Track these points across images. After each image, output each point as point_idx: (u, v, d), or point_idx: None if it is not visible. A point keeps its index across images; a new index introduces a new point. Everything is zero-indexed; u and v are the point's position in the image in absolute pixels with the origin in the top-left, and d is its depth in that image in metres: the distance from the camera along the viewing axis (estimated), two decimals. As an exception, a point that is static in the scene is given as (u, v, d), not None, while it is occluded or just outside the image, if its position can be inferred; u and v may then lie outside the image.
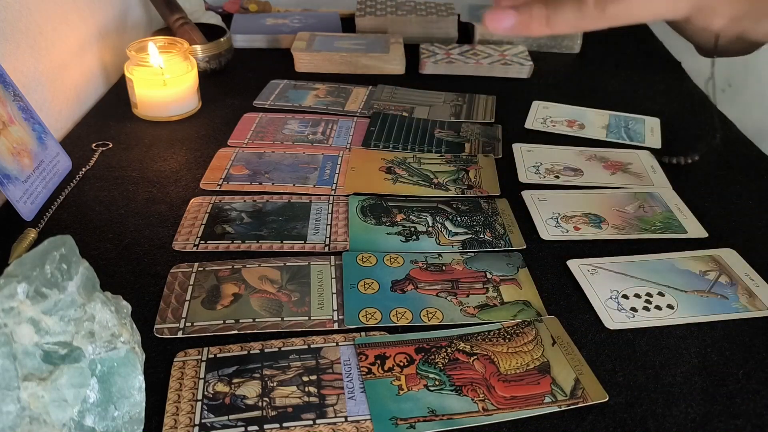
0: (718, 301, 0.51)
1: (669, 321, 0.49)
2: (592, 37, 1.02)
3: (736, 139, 0.75)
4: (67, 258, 0.36)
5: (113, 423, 0.37)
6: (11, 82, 0.60)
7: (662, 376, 0.45)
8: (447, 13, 1.01)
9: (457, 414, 0.41)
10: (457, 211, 0.61)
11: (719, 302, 0.51)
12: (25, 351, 0.34)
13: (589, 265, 0.54)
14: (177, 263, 0.53)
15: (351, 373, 0.44)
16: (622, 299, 0.51)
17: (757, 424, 0.42)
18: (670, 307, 0.50)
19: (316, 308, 0.49)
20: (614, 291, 0.52)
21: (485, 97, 0.83)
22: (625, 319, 0.49)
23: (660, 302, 0.51)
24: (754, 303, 0.51)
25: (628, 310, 0.50)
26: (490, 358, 0.45)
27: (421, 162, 0.69)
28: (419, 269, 0.54)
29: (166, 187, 0.64)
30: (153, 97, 0.74)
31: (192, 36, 0.84)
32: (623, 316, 0.50)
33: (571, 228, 0.59)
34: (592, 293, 0.51)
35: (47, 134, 0.63)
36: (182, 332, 0.47)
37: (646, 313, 0.50)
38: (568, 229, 0.58)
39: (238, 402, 0.42)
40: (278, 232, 0.57)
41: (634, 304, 0.51)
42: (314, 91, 0.83)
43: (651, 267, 0.54)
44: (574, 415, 0.42)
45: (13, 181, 0.56)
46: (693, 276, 0.53)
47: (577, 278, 0.53)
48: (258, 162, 0.67)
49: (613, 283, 0.52)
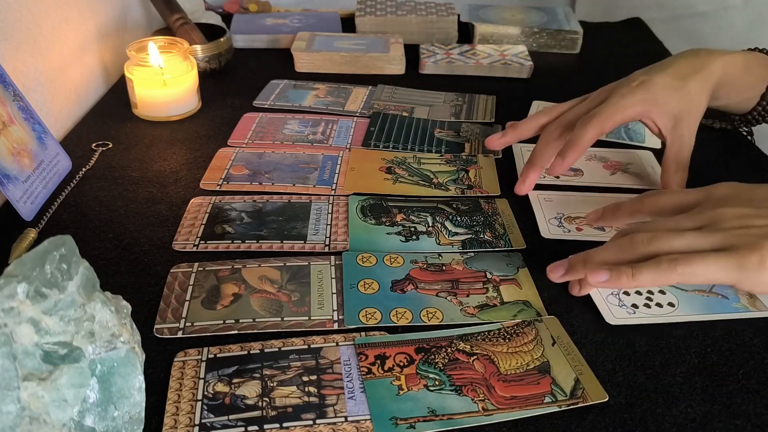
0: (719, 300, 0.51)
1: (669, 319, 0.49)
2: (592, 36, 1.02)
3: (736, 138, 0.75)
4: (67, 258, 0.36)
5: (113, 423, 0.37)
6: (11, 82, 0.60)
7: (662, 376, 0.45)
8: (447, 13, 1.01)
9: (457, 414, 0.41)
10: (457, 211, 0.61)
11: (720, 302, 0.51)
12: (25, 351, 0.34)
13: None
14: (177, 263, 0.53)
15: (351, 373, 0.44)
16: (623, 295, 0.51)
17: (757, 424, 0.42)
18: (670, 305, 0.50)
19: (316, 308, 0.49)
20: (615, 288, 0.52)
21: (485, 97, 0.83)
22: (626, 315, 0.49)
23: (661, 300, 0.51)
24: (754, 303, 0.51)
25: (629, 306, 0.50)
26: (490, 358, 0.45)
27: (421, 162, 0.69)
28: (419, 269, 0.54)
29: (166, 187, 0.64)
30: (153, 97, 0.74)
31: (192, 36, 0.84)
32: (624, 312, 0.50)
33: (573, 228, 0.59)
34: (594, 290, 0.51)
35: (47, 134, 0.63)
36: (182, 332, 0.47)
37: (647, 310, 0.50)
38: (570, 230, 0.58)
39: (238, 402, 0.42)
40: (278, 232, 0.57)
41: (635, 300, 0.51)
42: (314, 91, 0.83)
43: None
44: (574, 415, 0.42)
45: (13, 181, 0.56)
46: None
47: None
48: (258, 162, 0.67)
49: None
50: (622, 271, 0.45)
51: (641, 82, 0.60)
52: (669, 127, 0.60)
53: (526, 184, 0.63)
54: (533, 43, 1.00)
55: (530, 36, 0.99)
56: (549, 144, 0.62)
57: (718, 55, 0.62)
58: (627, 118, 0.60)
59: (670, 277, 0.43)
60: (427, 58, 0.91)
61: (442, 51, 0.93)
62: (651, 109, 0.60)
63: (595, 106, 0.61)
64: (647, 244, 0.45)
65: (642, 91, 0.60)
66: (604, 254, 0.47)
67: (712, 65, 0.61)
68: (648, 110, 0.60)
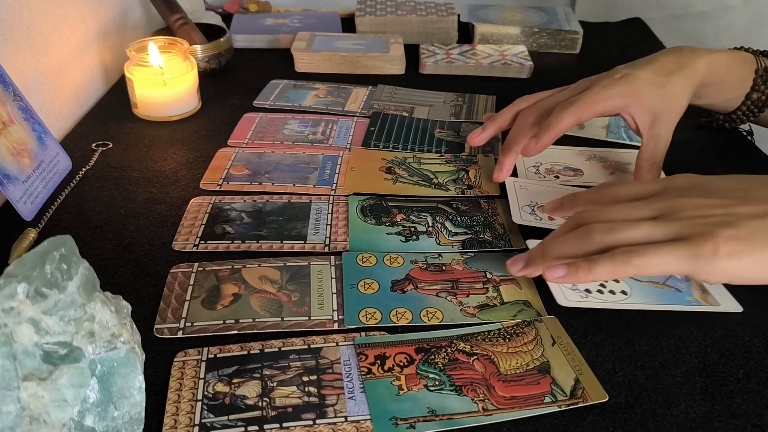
0: (672, 292, 0.52)
1: (621, 306, 0.50)
2: (592, 36, 1.02)
3: (735, 138, 0.75)
4: (67, 258, 0.36)
5: (113, 423, 0.37)
6: (11, 82, 0.60)
7: (662, 376, 0.45)
8: (447, 13, 1.01)
9: (457, 414, 0.41)
10: (457, 211, 0.61)
11: (672, 294, 0.51)
12: (25, 351, 0.34)
13: None
14: (177, 263, 0.53)
15: (351, 373, 0.44)
16: None
17: (757, 424, 0.42)
18: (623, 293, 0.51)
19: (316, 308, 0.49)
20: None
21: (485, 97, 0.83)
22: (578, 298, 0.50)
23: (614, 288, 0.52)
24: (706, 298, 0.51)
25: (582, 290, 0.51)
26: (490, 358, 0.45)
27: (421, 162, 0.69)
28: (419, 269, 0.54)
29: (166, 187, 0.64)
30: (153, 97, 0.74)
31: (192, 36, 0.84)
32: (577, 295, 0.50)
33: (545, 217, 0.59)
34: None
35: (47, 134, 0.63)
36: (182, 332, 0.47)
37: (600, 296, 0.50)
38: (542, 218, 0.59)
39: (238, 402, 0.42)
40: (278, 232, 0.57)
41: (588, 286, 0.51)
42: (314, 91, 0.83)
43: None
44: (574, 415, 0.42)
45: (13, 181, 0.56)
46: None
47: None
48: (258, 162, 0.67)
49: None
50: (579, 266, 0.44)
51: (624, 74, 0.60)
52: (647, 123, 0.60)
53: (503, 171, 0.64)
54: (533, 43, 1.00)
55: (530, 36, 1.00)
56: (523, 129, 0.62)
57: (702, 53, 0.62)
58: (607, 109, 0.60)
59: (625, 270, 0.43)
60: (427, 58, 0.91)
61: (442, 51, 0.93)
62: (631, 102, 0.60)
63: (575, 95, 0.61)
64: (603, 234, 0.44)
65: (624, 84, 0.60)
66: (562, 247, 0.47)
67: (696, 63, 0.61)
68: (628, 103, 0.60)
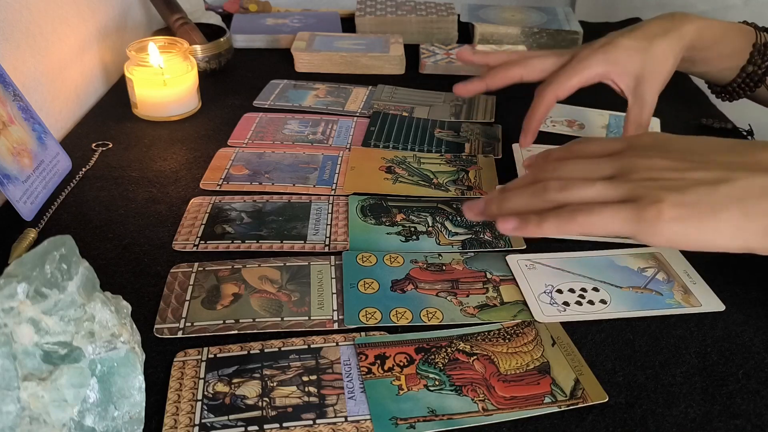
0: (652, 296, 0.51)
1: (600, 315, 0.50)
2: (592, 37, 1.02)
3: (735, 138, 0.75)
4: (67, 258, 0.36)
5: (113, 423, 0.37)
6: (11, 82, 0.60)
7: (662, 376, 0.45)
8: (447, 13, 1.01)
9: (457, 414, 0.41)
10: (457, 211, 0.61)
11: (653, 298, 0.51)
12: (25, 351, 0.34)
13: (528, 260, 0.55)
14: (177, 263, 0.53)
15: (351, 373, 0.44)
16: (556, 293, 0.51)
17: (757, 424, 0.42)
18: (603, 302, 0.51)
19: (316, 308, 0.49)
20: (549, 285, 0.52)
21: (485, 97, 0.83)
22: (556, 312, 0.50)
23: (593, 297, 0.51)
24: (688, 300, 0.51)
25: (560, 304, 0.50)
26: (490, 358, 0.45)
27: (421, 162, 0.69)
28: (419, 269, 0.54)
29: (166, 187, 0.64)
30: (153, 97, 0.74)
31: (192, 36, 0.84)
32: (554, 309, 0.50)
33: None
34: (527, 287, 0.52)
35: (47, 134, 0.63)
36: (182, 332, 0.47)
37: (578, 308, 0.50)
38: None
39: (238, 402, 0.42)
40: (278, 232, 0.57)
41: (567, 298, 0.51)
42: (314, 91, 0.83)
43: (589, 263, 0.55)
44: (574, 415, 0.42)
45: (13, 181, 0.56)
46: (630, 272, 0.54)
47: (514, 273, 0.53)
48: (258, 162, 0.67)
49: (549, 278, 0.53)
50: (530, 221, 0.44)
51: (603, 44, 0.61)
52: (631, 87, 0.61)
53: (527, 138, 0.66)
54: (533, 43, 1.00)
55: (530, 36, 0.99)
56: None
57: (694, 19, 0.62)
58: (584, 80, 0.61)
59: (570, 227, 0.43)
60: (427, 58, 0.91)
61: (442, 51, 0.93)
62: (611, 69, 0.60)
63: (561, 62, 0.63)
64: (557, 192, 0.44)
65: (602, 53, 0.61)
66: (517, 201, 0.46)
67: (684, 28, 0.61)
68: (608, 71, 0.61)
